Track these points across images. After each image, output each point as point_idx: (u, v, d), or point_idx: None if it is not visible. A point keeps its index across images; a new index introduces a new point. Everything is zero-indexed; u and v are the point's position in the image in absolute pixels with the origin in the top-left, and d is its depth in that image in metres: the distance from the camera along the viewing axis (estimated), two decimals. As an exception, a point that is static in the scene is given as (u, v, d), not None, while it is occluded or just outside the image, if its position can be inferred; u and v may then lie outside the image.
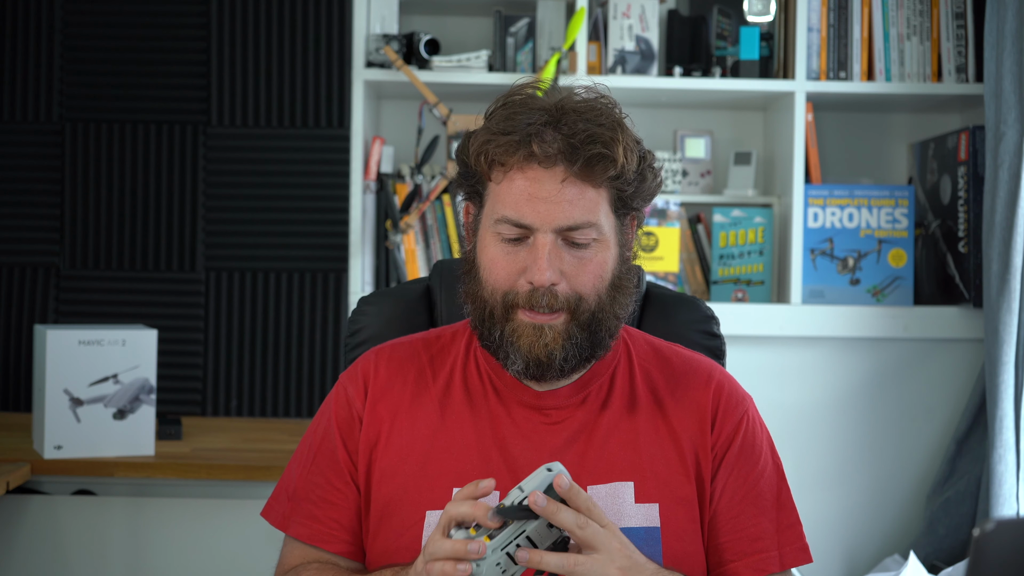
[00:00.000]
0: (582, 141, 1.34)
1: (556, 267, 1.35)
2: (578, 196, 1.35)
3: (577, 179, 1.35)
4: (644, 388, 1.46)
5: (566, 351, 1.37)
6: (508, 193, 1.37)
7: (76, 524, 2.52)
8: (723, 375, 1.50)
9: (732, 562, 1.42)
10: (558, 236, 1.36)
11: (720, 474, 1.43)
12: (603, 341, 1.40)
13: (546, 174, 1.35)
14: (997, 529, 0.89)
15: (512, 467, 1.40)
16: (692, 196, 2.85)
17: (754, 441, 1.46)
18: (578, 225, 1.35)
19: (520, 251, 1.37)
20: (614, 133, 1.35)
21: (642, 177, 1.40)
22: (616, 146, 1.35)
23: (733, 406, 1.46)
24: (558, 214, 1.35)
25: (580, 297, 1.37)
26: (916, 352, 2.79)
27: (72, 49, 2.98)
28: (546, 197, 1.34)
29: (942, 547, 2.64)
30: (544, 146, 1.34)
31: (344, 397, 1.48)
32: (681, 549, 1.39)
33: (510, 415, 1.43)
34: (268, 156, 2.98)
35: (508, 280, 1.37)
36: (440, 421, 1.44)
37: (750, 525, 1.43)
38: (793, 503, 1.47)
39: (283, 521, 1.48)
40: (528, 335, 1.37)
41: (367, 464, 1.44)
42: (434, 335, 1.54)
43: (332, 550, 1.45)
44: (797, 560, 1.44)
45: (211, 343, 2.97)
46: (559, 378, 1.41)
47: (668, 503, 1.40)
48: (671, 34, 2.82)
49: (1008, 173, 2.44)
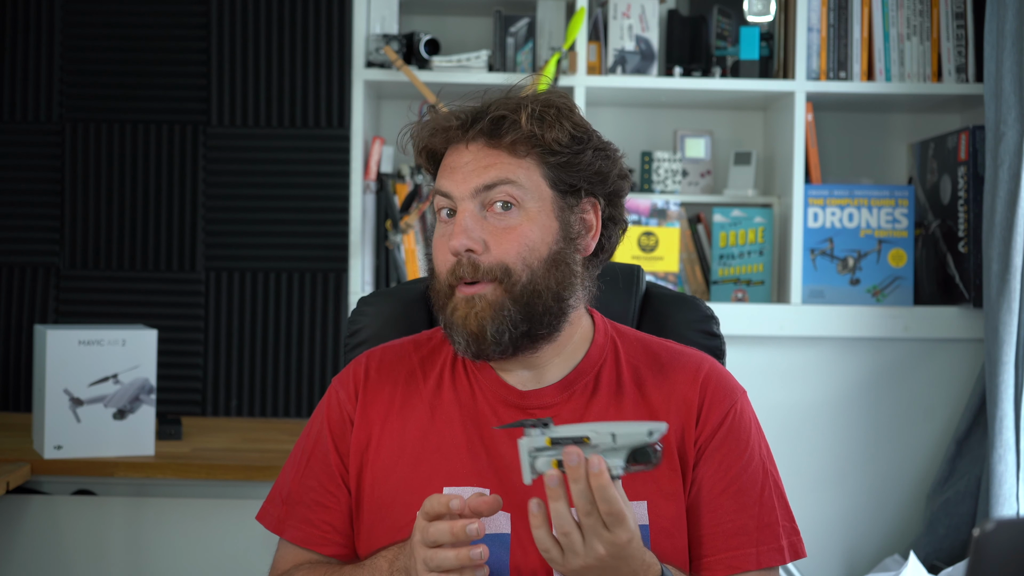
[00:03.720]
0: (492, 109, 1.40)
1: (475, 235, 1.37)
2: (494, 160, 1.39)
3: (488, 145, 1.40)
4: (631, 384, 1.45)
5: (497, 323, 1.37)
6: (440, 172, 1.43)
7: (76, 524, 2.52)
8: (713, 367, 1.47)
9: (707, 556, 1.41)
10: (476, 202, 1.39)
11: (702, 464, 1.42)
12: (541, 318, 1.39)
13: (467, 148, 1.41)
14: (997, 529, 0.89)
15: (499, 466, 1.40)
16: (692, 196, 2.85)
17: (739, 434, 1.43)
18: (493, 183, 1.38)
19: (451, 228, 1.40)
20: (527, 102, 1.40)
21: (575, 151, 1.41)
22: (522, 111, 1.38)
23: (720, 398, 1.44)
24: (474, 178, 1.39)
25: (507, 267, 1.37)
26: (916, 352, 2.79)
27: (72, 49, 2.98)
28: (462, 165, 1.40)
29: (942, 547, 2.64)
30: (459, 117, 1.41)
31: (336, 400, 1.49)
32: (669, 545, 1.39)
33: (496, 414, 1.43)
34: (268, 156, 2.98)
35: (445, 261, 1.40)
36: (430, 422, 1.44)
37: (728, 520, 1.41)
38: (777, 503, 1.43)
39: (278, 525, 1.49)
40: (462, 308, 1.38)
41: (359, 466, 1.45)
42: (425, 337, 1.54)
43: (326, 552, 1.46)
44: (773, 560, 1.41)
45: (211, 343, 2.97)
46: (502, 355, 1.40)
47: (656, 499, 1.39)
48: (671, 34, 2.82)
49: (1008, 173, 2.43)
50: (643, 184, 2.86)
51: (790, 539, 1.43)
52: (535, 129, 1.38)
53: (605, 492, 1.18)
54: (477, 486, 1.39)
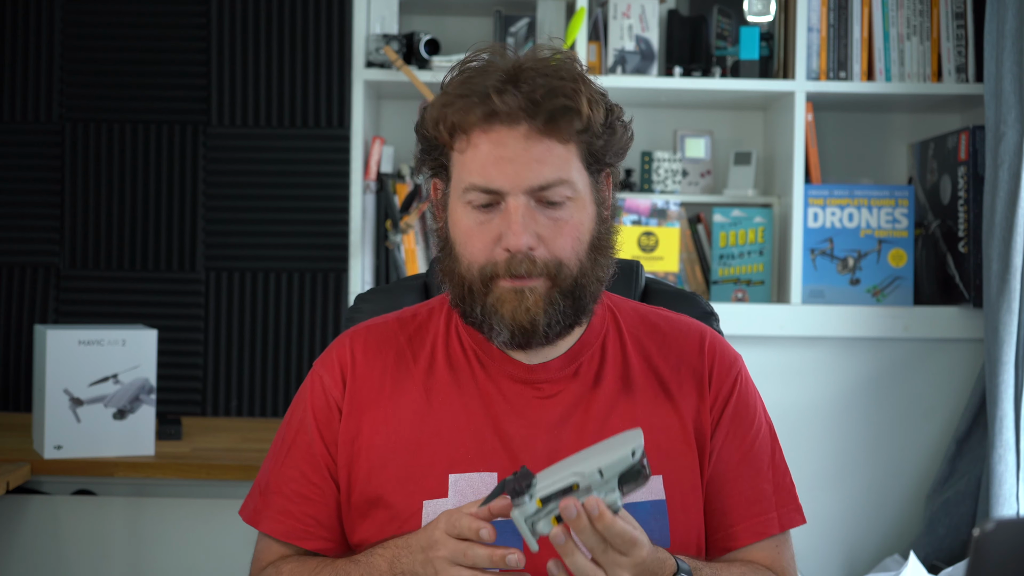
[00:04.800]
0: (544, 95, 1.28)
1: (531, 231, 1.30)
2: (546, 153, 1.30)
3: (543, 135, 1.29)
4: (637, 357, 1.43)
5: (549, 316, 1.32)
6: (474, 159, 1.31)
7: (76, 524, 2.52)
8: (713, 336, 1.47)
9: (733, 526, 1.40)
10: (530, 198, 1.30)
11: (718, 434, 1.41)
12: (587, 307, 1.36)
13: (510, 134, 1.29)
14: (997, 529, 0.89)
15: (508, 446, 1.35)
16: (692, 196, 2.85)
17: (747, 401, 1.44)
18: (549, 183, 1.30)
19: (493, 219, 1.32)
20: (576, 85, 1.30)
21: (611, 129, 1.34)
22: (579, 97, 1.30)
23: (727, 366, 1.44)
24: (527, 174, 1.29)
25: (560, 262, 1.31)
26: (916, 352, 2.79)
27: (72, 49, 2.98)
28: (513, 157, 1.29)
29: (942, 547, 2.64)
30: (504, 104, 1.28)
31: (320, 386, 1.42)
32: (686, 520, 1.37)
33: (500, 391, 1.38)
34: (268, 156, 2.98)
35: (484, 251, 1.32)
36: (427, 404, 1.38)
37: (748, 488, 1.41)
38: (786, 464, 1.45)
39: (254, 516, 1.43)
40: (510, 301, 1.31)
41: (348, 456, 1.38)
42: (409, 314, 1.47)
43: (308, 547, 1.39)
44: (793, 521, 1.42)
45: (211, 343, 2.97)
46: (545, 345, 1.36)
47: (671, 474, 1.37)
48: (671, 34, 2.82)
49: (1008, 173, 2.43)
50: (643, 184, 2.86)
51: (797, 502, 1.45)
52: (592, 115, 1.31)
53: (612, 530, 1.15)
54: (485, 471, 1.34)
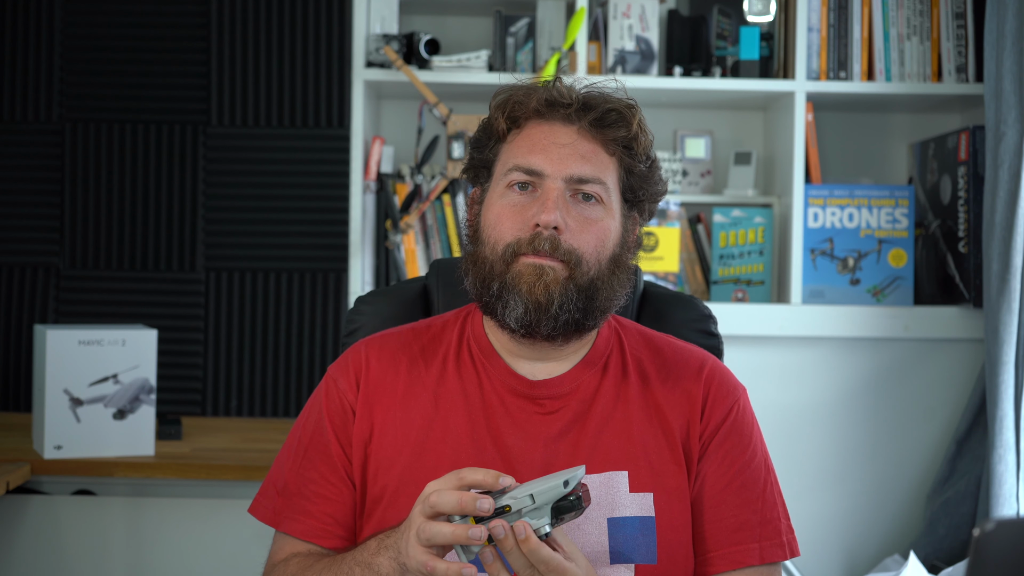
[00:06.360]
0: (600, 102, 1.42)
1: (562, 215, 1.38)
2: (591, 153, 1.41)
3: (591, 135, 1.41)
4: (636, 378, 1.46)
5: (563, 299, 1.37)
6: (523, 143, 1.42)
7: (76, 524, 2.52)
8: (716, 365, 1.50)
9: (709, 552, 1.42)
10: (567, 187, 1.40)
11: (705, 460, 1.43)
12: (594, 312, 1.41)
13: (563, 128, 1.42)
14: (997, 529, 0.89)
15: (506, 456, 1.40)
16: (692, 196, 2.85)
17: (742, 430, 1.46)
18: (588, 178, 1.40)
19: (527, 202, 1.40)
20: (631, 109, 1.43)
21: (652, 166, 1.46)
22: (631, 114, 1.42)
23: (724, 395, 1.46)
24: (571, 163, 1.40)
25: (580, 256, 1.39)
26: (916, 352, 2.79)
27: (72, 49, 2.98)
28: (562, 144, 1.40)
29: (942, 547, 2.64)
30: (564, 96, 1.42)
31: (335, 390, 1.47)
32: (675, 538, 1.40)
33: (504, 404, 1.43)
34: (268, 156, 2.98)
35: (513, 230, 1.39)
36: (434, 411, 1.44)
37: (730, 516, 1.42)
38: (778, 499, 1.46)
39: (274, 517, 1.47)
40: (529, 275, 1.38)
41: (362, 457, 1.44)
42: (423, 325, 1.53)
43: (327, 545, 1.44)
44: (775, 556, 1.43)
45: (211, 343, 2.97)
46: (549, 334, 1.40)
47: (661, 492, 1.40)
48: (671, 34, 2.82)
49: (1008, 173, 2.43)
50: (643, 184, 2.86)
51: (787, 537, 1.45)
52: (639, 135, 1.42)
53: (537, 554, 1.20)
54: None
